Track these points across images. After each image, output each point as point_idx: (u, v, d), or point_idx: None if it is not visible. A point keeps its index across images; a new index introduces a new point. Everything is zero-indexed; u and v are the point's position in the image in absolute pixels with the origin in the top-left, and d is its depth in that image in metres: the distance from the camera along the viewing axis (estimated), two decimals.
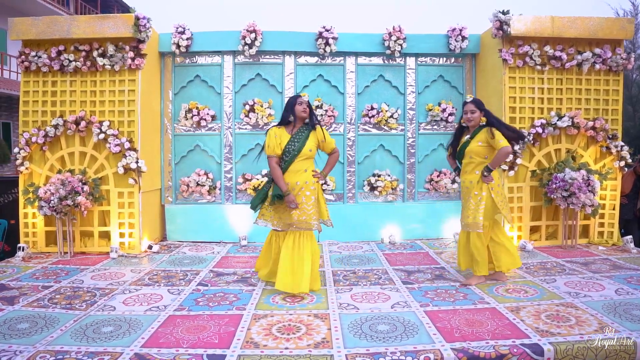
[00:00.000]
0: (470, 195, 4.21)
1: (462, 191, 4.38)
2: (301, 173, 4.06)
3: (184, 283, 4.45)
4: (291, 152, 4.04)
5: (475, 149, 4.21)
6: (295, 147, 4.04)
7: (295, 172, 4.05)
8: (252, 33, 6.25)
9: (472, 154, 4.22)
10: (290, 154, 4.04)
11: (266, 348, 2.95)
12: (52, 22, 5.68)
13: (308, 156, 4.10)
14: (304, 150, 4.06)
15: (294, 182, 4.04)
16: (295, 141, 4.06)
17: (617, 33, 5.92)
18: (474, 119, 4.23)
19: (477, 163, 4.22)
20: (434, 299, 3.88)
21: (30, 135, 5.72)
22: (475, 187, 4.19)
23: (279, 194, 3.99)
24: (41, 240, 5.79)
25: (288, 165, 4.05)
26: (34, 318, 3.51)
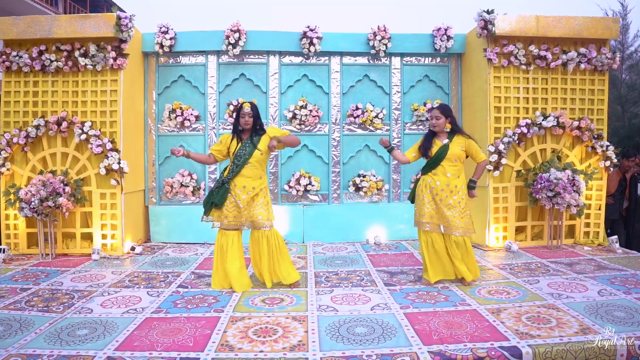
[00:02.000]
0: (459, 200, 4.21)
1: (439, 193, 4.22)
2: (256, 179, 4.23)
3: (164, 285, 4.40)
4: (242, 156, 4.18)
5: (458, 152, 4.24)
6: (246, 152, 4.19)
7: (250, 178, 4.20)
8: (236, 33, 6.21)
9: (456, 157, 4.24)
10: (241, 158, 4.18)
11: (241, 351, 2.91)
12: (33, 22, 5.61)
13: (259, 159, 4.22)
14: (255, 152, 4.18)
15: (250, 186, 4.19)
16: (245, 146, 4.21)
17: (602, 33, 5.92)
18: (438, 124, 4.27)
19: (459, 167, 4.28)
20: (415, 301, 3.85)
21: (12, 135, 5.65)
22: (462, 191, 4.25)
23: (215, 202, 4.17)
24: (23, 242, 5.72)
25: (240, 168, 4.18)
26: (8, 321, 3.46)
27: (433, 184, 4.26)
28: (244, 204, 4.16)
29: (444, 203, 4.21)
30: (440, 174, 4.25)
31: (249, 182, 4.18)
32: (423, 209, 4.26)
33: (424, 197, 4.28)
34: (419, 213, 4.32)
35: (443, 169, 4.24)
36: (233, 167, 4.20)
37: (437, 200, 4.23)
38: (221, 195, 4.16)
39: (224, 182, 4.21)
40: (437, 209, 4.24)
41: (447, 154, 4.22)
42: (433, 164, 4.28)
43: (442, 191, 4.22)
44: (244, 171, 4.17)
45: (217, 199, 4.16)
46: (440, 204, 4.22)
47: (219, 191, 4.19)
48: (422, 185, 4.32)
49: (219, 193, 4.18)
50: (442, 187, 4.22)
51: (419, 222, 4.31)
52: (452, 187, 4.22)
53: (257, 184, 4.21)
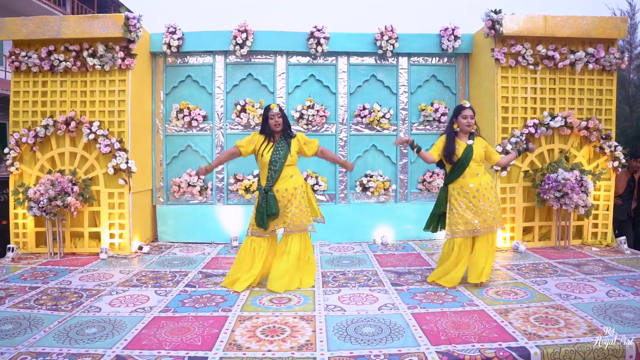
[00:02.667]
0: (495, 194, 4.25)
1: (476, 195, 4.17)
2: (288, 179, 4.22)
3: (172, 284, 4.42)
4: (278, 160, 4.18)
5: (481, 153, 4.26)
6: (281, 155, 4.20)
7: (283, 179, 4.19)
8: (244, 33, 6.22)
9: (481, 157, 4.25)
10: (277, 163, 4.18)
11: (249, 350, 2.92)
12: (42, 22, 5.65)
13: (291, 162, 4.25)
14: (288, 157, 4.21)
15: (284, 188, 4.19)
16: (279, 149, 4.21)
17: (611, 32, 5.89)
18: (472, 124, 4.24)
19: (483, 166, 4.29)
20: (422, 301, 3.84)
21: (21, 135, 5.69)
22: (494, 185, 4.30)
23: (274, 212, 4.12)
24: (31, 241, 5.76)
25: (278, 174, 4.18)
26: (18, 319, 3.49)
27: (467, 189, 4.18)
28: (281, 207, 4.19)
29: (484, 202, 4.16)
30: (470, 176, 4.19)
31: (289, 183, 4.20)
32: (463, 217, 4.16)
33: (460, 204, 4.20)
34: (456, 222, 4.20)
35: (471, 170, 4.19)
36: (271, 174, 4.18)
37: (476, 202, 4.16)
38: (274, 204, 4.12)
39: (266, 191, 4.17)
40: (477, 212, 4.16)
41: (473, 154, 4.19)
42: (461, 167, 4.20)
43: (477, 192, 4.17)
44: (282, 174, 4.19)
45: (274, 209, 4.11)
46: (479, 204, 4.16)
47: (267, 202, 4.12)
48: (455, 193, 4.24)
49: (269, 204, 4.11)
50: (477, 188, 4.17)
51: (453, 232, 4.22)
52: (484, 184, 4.19)
53: (292, 183, 4.21)
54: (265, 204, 4.13)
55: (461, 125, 4.26)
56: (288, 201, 4.20)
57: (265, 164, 4.20)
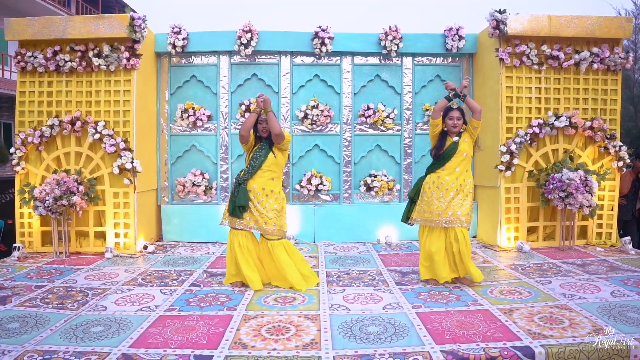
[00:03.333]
0: (467, 193, 4.25)
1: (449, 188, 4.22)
2: (268, 180, 4.27)
3: (177, 283, 4.44)
4: (257, 158, 4.26)
5: (466, 146, 4.29)
6: (262, 154, 4.26)
7: (261, 178, 4.25)
8: (248, 33, 6.24)
9: (465, 151, 4.28)
10: (257, 160, 4.25)
11: (254, 349, 2.93)
12: (47, 23, 5.68)
13: (274, 162, 4.28)
14: (269, 156, 4.25)
15: (260, 187, 4.24)
16: (262, 148, 4.28)
17: (616, 32, 5.88)
18: (459, 125, 4.29)
19: (468, 161, 4.32)
20: (427, 301, 3.85)
21: (26, 135, 5.73)
22: (470, 186, 4.30)
23: (242, 205, 4.17)
24: (37, 240, 5.79)
25: (255, 170, 4.24)
26: (24, 318, 3.51)
27: (442, 180, 4.25)
28: (254, 204, 4.21)
29: (453, 197, 4.21)
30: (449, 169, 4.26)
31: (266, 184, 4.24)
32: (432, 206, 4.24)
33: (432, 193, 4.26)
34: (427, 210, 4.28)
35: (452, 164, 4.25)
36: (249, 169, 4.24)
37: (446, 195, 4.22)
38: (243, 196, 4.17)
39: (240, 182, 4.23)
40: (445, 203, 4.22)
41: (457, 149, 4.26)
42: (443, 160, 4.28)
43: (452, 185, 4.22)
44: (260, 172, 4.22)
45: (242, 201, 4.16)
46: (449, 197, 4.21)
47: (238, 192, 4.19)
48: (430, 183, 4.31)
49: (240, 195, 4.17)
50: (452, 182, 4.22)
51: (427, 220, 4.27)
52: (460, 181, 4.24)
53: (270, 185, 4.25)
54: (236, 194, 4.20)
55: (447, 126, 4.33)
56: (262, 200, 4.21)
57: (248, 158, 4.31)
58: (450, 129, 4.31)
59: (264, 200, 4.22)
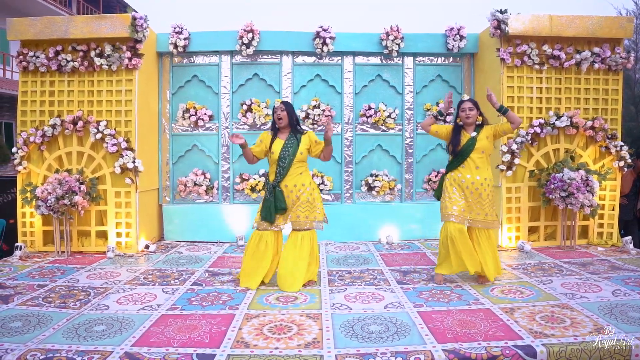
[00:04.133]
0: (488, 193, 4.24)
1: (470, 186, 4.21)
2: (296, 176, 4.24)
3: (179, 283, 4.45)
4: (286, 157, 4.20)
5: (486, 144, 4.26)
6: (290, 152, 4.21)
7: (292, 176, 4.22)
8: (250, 33, 6.25)
9: (484, 149, 4.26)
10: (286, 160, 4.20)
11: (256, 348, 2.94)
12: (49, 23, 5.69)
13: (301, 159, 4.25)
14: (297, 154, 4.21)
15: (292, 184, 4.21)
16: (289, 146, 4.22)
17: (617, 32, 5.88)
18: (472, 115, 4.26)
19: (487, 159, 4.30)
20: (429, 300, 3.86)
21: (28, 135, 5.73)
22: (491, 184, 4.28)
23: (283, 207, 4.18)
24: (39, 239, 5.80)
25: (287, 170, 4.20)
26: (27, 317, 3.52)
27: (463, 178, 4.23)
28: (289, 203, 4.23)
29: (474, 197, 4.21)
30: (469, 168, 4.24)
31: (297, 179, 4.23)
32: (454, 205, 4.22)
33: (454, 190, 4.26)
34: (448, 206, 4.24)
35: (472, 162, 4.23)
36: (279, 170, 4.21)
37: (468, 194, 4.22)
38: (282, 199, 4.17)
39: (274, 186, 4.21)
40: (468, 204, 4.23)
41: (475, 146, 4.22)
42: (461, 158, 4.26)
43: (472, 184, 4.21)
44: (291, 171, 4.21)
45: (283, 204, 4.16)
46: (470, 197, 4.22)
47: (275, 196, 4.17)
48: (451, 180, 4.30)
49: (277, 198, 4.16)
50: (473, 181, 4.21)
51: (447, 215, 4.23)
52: (482, 179, 4.22)
53: (300, 180, 4.24)
54: (273, 199, 4.17)
55: (461, 118, 4.31)
56: (296, 197, 4.22)
57: (275, 160, 4.23)
58: (464, 121, 4.28)
59: (298, 195, 4.23)
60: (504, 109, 4.28)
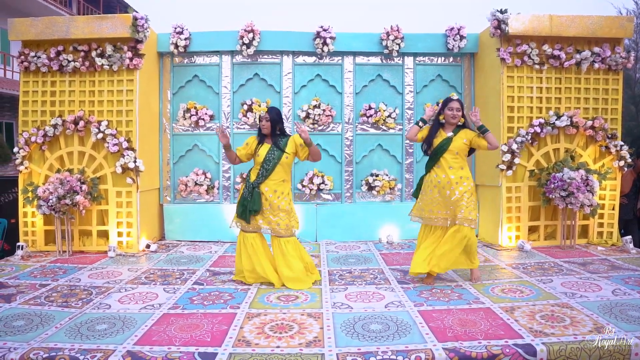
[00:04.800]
0: (464, 190, 4.21)
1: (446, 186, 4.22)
2: (279, 183, 4.31)
3: (180, 282, 4.46)
4: (271, 160, 4.26)
5: (461, 145, 4.26)
6: (275, 156, 4.26)
7: (274, 181, 4.29)
8: (250, 33, 6.26)
9: (459, 150, 4.25)
10: (270, 163, 4.26)
11: (257, 346, 2.95)
12: (51, 23, 5.71)
13: (286, 163, 4.33)
14: (283, 157, 4.28)
15: (272, 189, 4.28)
16: (274, 150, 4.28)
17: (617, 32, 5.89)
18: (458, 116, 4.27)
19: (462, 160, 4.29)
20: (429, 299, 3.87)
21: (30, 134, 5.75)
22: (467, 182, 4.25)
23: (256, 209, 4.23)
24: (40, 239, 5.82)
25: (269, 173, 4.26)
26: (29, 316, 3.53)
27: (439, 178, 4.25)
28: (266, 206, 4.26)
29: (451, 196, 4.21)
30: (442, 168, 4.26)
31: (278, 186, 4.28)
32: (431, 205, 4.29)
33: (430, 192, 4.29)
34: (425, 208, 4.33)
35: (446, 162, 4.24)
36: (262, 172, 4.26)
37: (444, 194, 4.23)
38: (257, 201, 4.21)
39: (254, 186, 4.25)
40: (445, 203, 4.24)
41: (449, 145, 4.23)
42: (435, 157, 4.29)
43: (448, 184, 4.22)
44: (273, 175, 4.26)
45: (256, 206, 4.21)
46: (447, 197, 4.22)
47: (252, 197, 4.23)
48: (428, 181, 4.34)
49: (253, 199, 4.22)
50: (448, 180, 4.22)
51: (426, 218, 4.34)
52: (457, 178, 4.22)
53: (281, 187, 4.30)
54: (250, 199, 4.24)
55: (446, 117, 4.30)
56: (273, 202, 4.25)
57: (259, 162, 4.29)
58: (449, 120, 4.28)
59: (276, 202, 4.26)
60: (484, 129, 4.25)
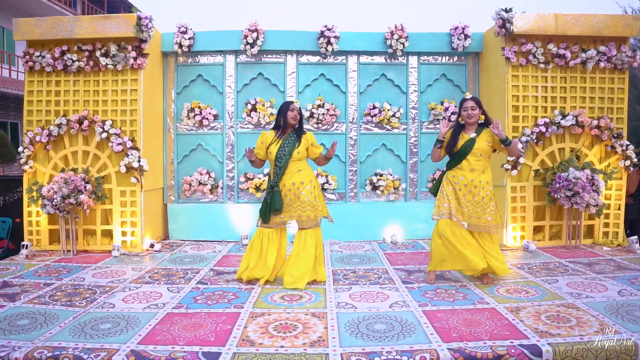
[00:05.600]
0: (483, 196, 4.16)
1: (463, 189, 4.17)
2: (295, 174, 4.28)
3: (184, 281, 4.46)
4: (283, 157, 4.24)
5: (484, 147, 4.17)
6: (286, 152, 4.25)
7: (290, 174, 4.26)
8: (254, 32, 6.26)
9: (482, 152, 4.17)
10: (282, 159, 4.24)
11: (261, 346, 2.94)
12: (55, 23, 5.72)
13: (298, 159, 4.29)
14: (294, 154, 4.26)
15: (290, 183, 4.25)
16: (285, 146, 4.26)
17: (623, 30, 5.86)
18: (475, 115, 4.19)
19: (485, 161, 4.21)
20: (434, 299, 3.85)
21: (34, 134, 5.77)
22: (488, 187, 4.19)
23: (278, 209, 4.20)
24: (45, 238, 5.83)
25: (283, 170, 4.24)
26: (34, 315, 3.54)
27: (457, 179, 4.20)
28: (287, 201, 4.25)
29: (467, 199, 4.16)
30: (465, 169, 4.19)
31: (296, 177, 4.26)
32: (444, 204, 4.22)
33: (448, 191, 4.23)
34: (440, 205, 4.25)
35: (468, 164, 4.17)
36: (277, 169, 4.26)
37: (460, 196, 4.17)
38: (278, 200, 4.20)
39: (272, 185, 4.25)
40: (459, 205, 4.18)
41: (472, 148, 4.15)
42: (458, 158, 4.21)
43: (465, 186, 4.17)
44: (289, 169, 4.25)
45: (277, 205, 4.19)
46: (463, 199, 4.16)
47: (273, 196, 4.21)
48: (448, 180, 4.27)
49: (274, 199, 4.20)
50: (466, 183, 4.16)
51: (438, 213, 4.24)
52: (476, 182, 4.15)
53: (299, 178, 4.26)
54: (270, 199, 4.23)
55: (463, 117, 4.25)
56: (294, 195, 4.24)
57: (272, 160, 4.29)
58: (466, 120, 4.21)
59: (296, 194, 4.25)
60: (508, 142, 4.13)
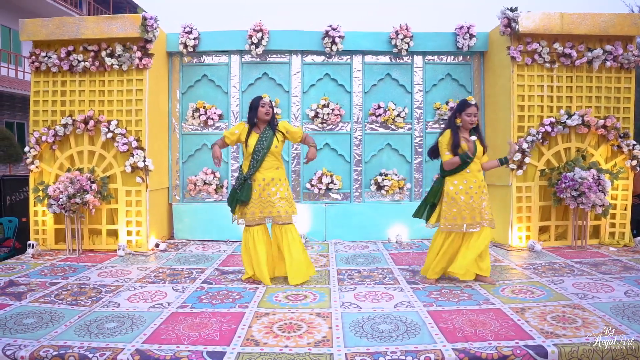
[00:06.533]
0: (484, 192, 4.22)
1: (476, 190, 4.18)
2: (272, 170, 4.33)
3: (189, 281, 4.47)
4: (261, 150, 4.27)
5: (481, 149, 4.24)
6: (264, 145, 4.28)
7: (268, 169, 4.31)
8: (259, 32, 6.26)
9: (479, 153, 4.22)
10: (260, 153, 4.27)
11: (266, 346, 2.95)
12: (61, 23, 5.75)
13: (276, 152, 4.33)
14: (272, 147, 4.29)
15: (270, 177, 4.30)
16: (264, 140, 4.28)
17: (629, 29, 5.82)
18: (475, 122, 4.23)
19: (478, 162, 4.27)
20: (438, 299, 3.84)
21: (40, 134, 5.79)
22: (484, 185, 4.25)
23: (243, 200, 4.25)
24: (51, 237, 5.85)
25: (260, 163, 4.27)
26: (40, 313, 3.56)
27: (470, 184, 4.19)
28: (264, 196, 4.27)
29: (478, 197, 4.18)
30: (473, 172, 4.21)
31: (273, 174, 4.30)
32: (461, 213, 4.17)
33: (462, 198, 4.17)
34: (453, 216, 4.18)
35: (475, 166, 4.22)
36: (253, 162, 4.27)
37: (477, 199, 4.18)
38: (246, 192, 4.24)
39: (245, 178, 4.28)
40: (472, 207, 4.17)
41: (477, 150, 4.19)
42: (467, 163, 4.19)
43: (479, 188, 4.21)
44: (264, 164, 4.27)
45: (243, 196, 4.23)
46: (477, 200, 4.18)
47: (242, 188, 4.26)
48: (457, 188, 4.19)
49: (243, 190, 4.25)
50: (477, 184, 4.20)
51: (454, 225, 4.19)
52: (479, 182, 4.22)
53: (277, 174, 4.32)
54: (239, 190, 4.26)
55: (464, 122, 4.23)
56: (272, 190, 4.27)
57: (250, 153, 4.30)
58: (467, 125, 4.21)
59: (274, 189, 4.28)
60: (504, 161, 4.30)
